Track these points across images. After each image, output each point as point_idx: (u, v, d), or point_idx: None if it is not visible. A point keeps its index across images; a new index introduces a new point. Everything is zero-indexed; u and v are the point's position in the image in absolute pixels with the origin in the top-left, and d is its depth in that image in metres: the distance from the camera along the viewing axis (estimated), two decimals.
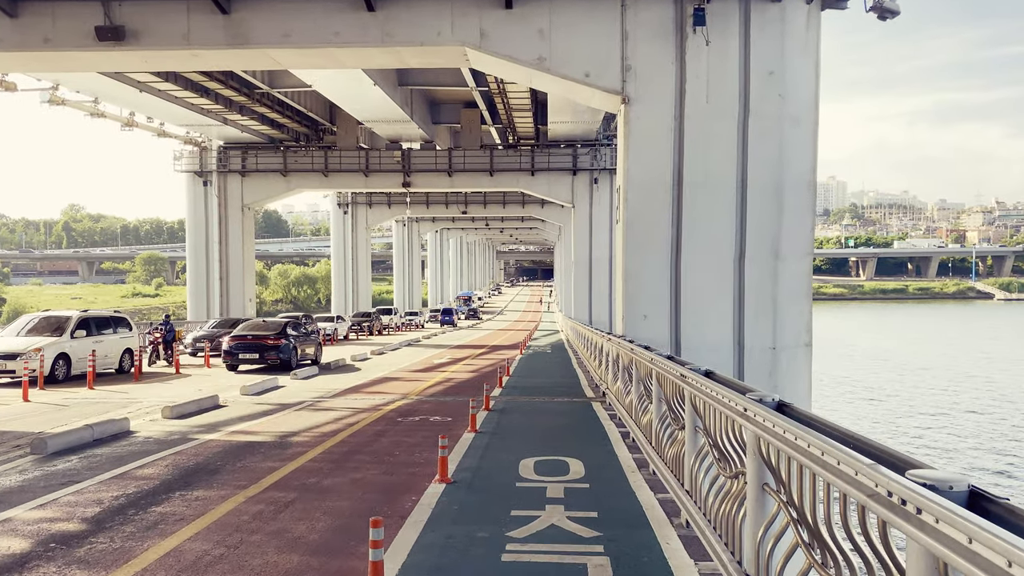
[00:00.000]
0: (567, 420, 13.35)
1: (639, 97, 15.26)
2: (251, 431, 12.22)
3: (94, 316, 20.91)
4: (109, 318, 21.51)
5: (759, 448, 4.64)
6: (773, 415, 4.38)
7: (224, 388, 18.40)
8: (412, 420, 13.39)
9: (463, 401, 15.80)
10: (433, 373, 23.29)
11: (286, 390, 18.41)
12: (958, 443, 30.06)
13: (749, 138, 15.19)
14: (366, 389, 18.69)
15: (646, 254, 15.50)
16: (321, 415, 14.05)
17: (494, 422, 12.89)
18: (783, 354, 15.39)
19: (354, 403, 15.83)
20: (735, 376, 15.44)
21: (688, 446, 6.90)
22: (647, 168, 15.41)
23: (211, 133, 44.16)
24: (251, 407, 15.29)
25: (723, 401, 5.42)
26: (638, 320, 15.39)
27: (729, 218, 15.30)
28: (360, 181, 46.49)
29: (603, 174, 46.01)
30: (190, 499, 7.78)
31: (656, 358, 8.47)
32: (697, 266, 15.38)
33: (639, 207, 15.46)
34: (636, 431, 10.25)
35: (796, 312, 15.52)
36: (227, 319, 32.13)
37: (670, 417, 8.07)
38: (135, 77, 30.96)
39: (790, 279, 15.42)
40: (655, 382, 8.83)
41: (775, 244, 15.32)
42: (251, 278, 47.78)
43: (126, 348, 21.54)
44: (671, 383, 7.65)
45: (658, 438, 8.49)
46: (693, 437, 6.83)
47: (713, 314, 15.45)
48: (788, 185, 15.29)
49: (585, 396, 17.16)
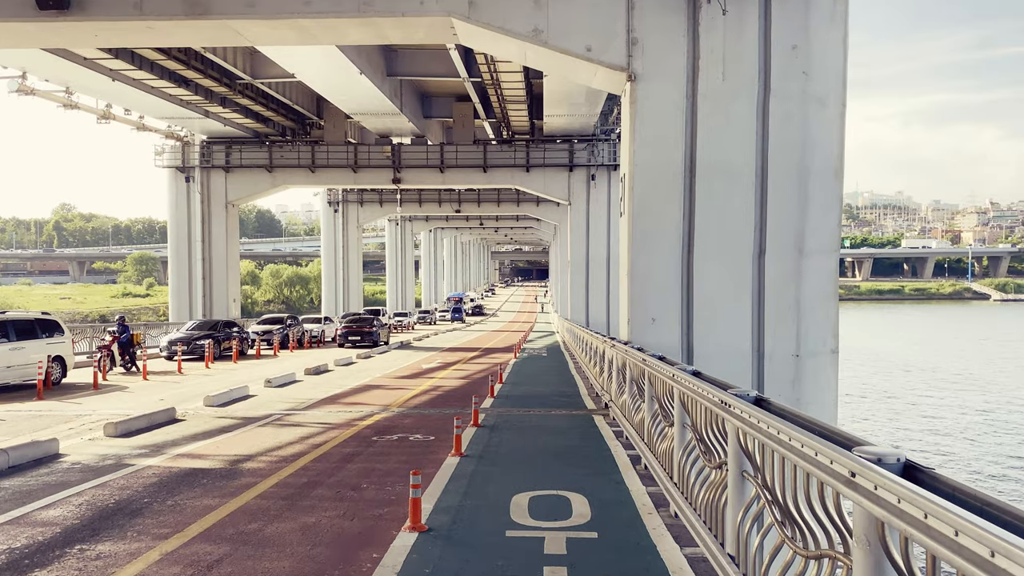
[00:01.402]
0: (566, 439, 11.68)
1: (647, 74, 13.59)
2: (200, 454, 10.52)
3: (13, 319, 18.56)
4: (34, 321, 19.10)
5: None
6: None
7: (189, 398, 16.69)
8: (389, 439, 11.69)
9: (449, 415, 14.12)
10: (420, 380, 21.60)
11: (256, 400, 16.71)
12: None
13: (770, 120, 13.54)
14: (344, 399, 16.99)
15: (654, 250, 13.83)
16: (286, 432, 12.35)
17: (483, 442, 11.22)
18: (807, 362, 13.74)
19: (327, 417, 14.13)
20: (754, 386, 13.83)
21: (733, 494, 5.24)
22: (656, 154, 13.75)
23: (193, 127, 42.38)
24: (211, 421, 13.59)
25: (814, 458, 3.72)
26: (645, 324, 13.73)
27: (747, 209, 13.65)
28: (348, 177, 44.74)
29: (601, 170, 44.37)
30: (87, 558, 6.08)
31: (681, 375, 6.81)
32: (711, 263, 13.72)
33: (647, 197, 13.79)
34: (651, 459, 8.60)
35: (822, 315, 13.87)
36: (206, 320, 30.38)
37: (700, 450, 6.41)
38: (106, 64, 29.17)
39: (815, 278, 13.77)
40: (676, 403, 7.18)
41: (799, 238, 13.66)
42: (235, 278, 46.01)
43: (57, 355, 19.10)
44: (705, 410, 5.99)
45: (683, 473, 6.83)
46: (739, 484, 5.17)
47: (729, 317, 13.81)
48: (813, 172, 13.64)
49: (585, 408, 15.49)
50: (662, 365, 7.93)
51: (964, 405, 38.90)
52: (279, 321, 36.08)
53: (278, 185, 44.87)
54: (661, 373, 7.97)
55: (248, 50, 33.79)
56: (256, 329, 34.18)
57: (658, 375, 8.23)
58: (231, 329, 29.77)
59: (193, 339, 27.03)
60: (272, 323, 35.63)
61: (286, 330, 34.62)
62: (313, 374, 22.94)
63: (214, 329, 28.51)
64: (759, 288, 13.69)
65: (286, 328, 34.81)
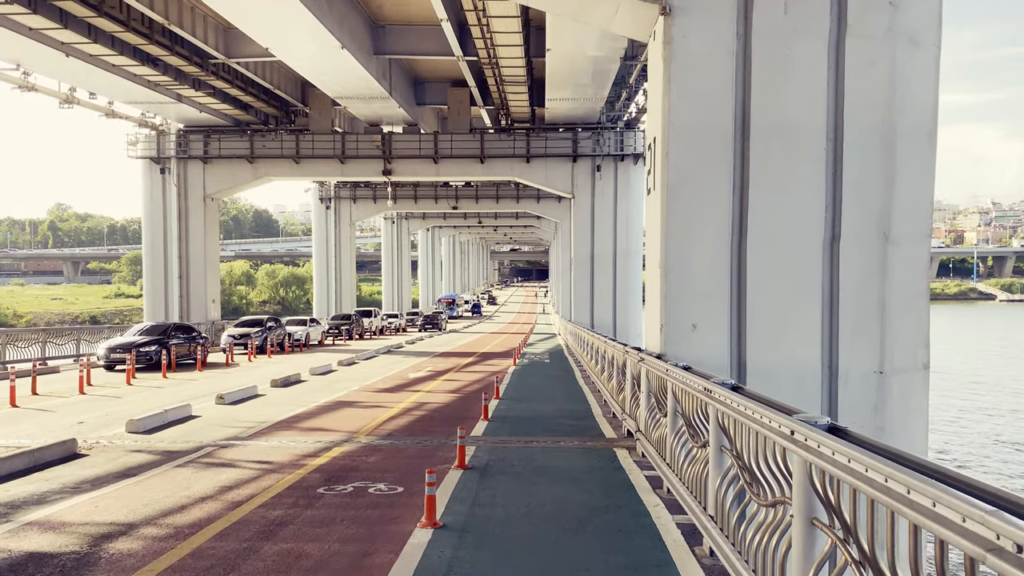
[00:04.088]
0: (585, 492, 8.50)
1: (686, 5, 10.41)
2: (61, 522, 7.34)
3: None
4: None
5: None
6: None
7: (116, 421, 13.52)
8: (341, 492, 8.50)
9: (430, 448, 10.99)
10: (403, 394, 18.41)
11: (195, 424, 13.55)
12: None
13: (846, 66, 10.38)
14: (304, 423, 13.82)
15: (695, 236, 10.68)
16: (205, 479, 9.18)
17: (469, 498, 8.05)
18: (894, 381, 10.56)
19: (271, 452, 10.95)
20: (825, 411, 10.66)
21: None
22: (697, 111, 10.59)
23: (168, 113, 39.26)
24: (119, 458, 10.43)
25: None
26: (684, 332, 10.56)
27: (816, 183, 10.49)
28: (335, 168, 41.58)
29: (607, 161, 41.25)
30: None
31: (804, 430, 3.69)
32: (770, 253, 10.57)
33: (685, 168, 10.62)
34: (720, 544, 5.47)
35: (912, 320, 10.70)
36: (156, 324, 26.79)
37: (841, 543, 3.29)
38: (56, 36, 26.01)
39: (904, 272, 10.61)
40: (799, 479, 4.08)
41: (883, 221, 10.49)
42: (214, 277, 42.87)
43: None
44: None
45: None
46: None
47: (792, 323, 10.65)
48: (902, 134, 10.48)
49: (603, 436, 12.32)
50: (762, 410, 4.81)
51: None
52: (258, 324, 32.74)
53: (260, 177, 41.71)
54: (759, 425, 4.86)
55: (222, 26, 30.66)
56: (232, 332, 30.95)
57: (749, 424, 5.09)
58: (188, 334, 26.33)
59: (136, 345, 23.37)
60: (250, 326, 32.30)
61: (265, 333, 31.34)
62: (281, 386, 19.78)
63: (164, 334, 24.82)
64: (831, 285, 10.53)
65: (265, 331, 31.52)
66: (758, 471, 5.20)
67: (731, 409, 5.46)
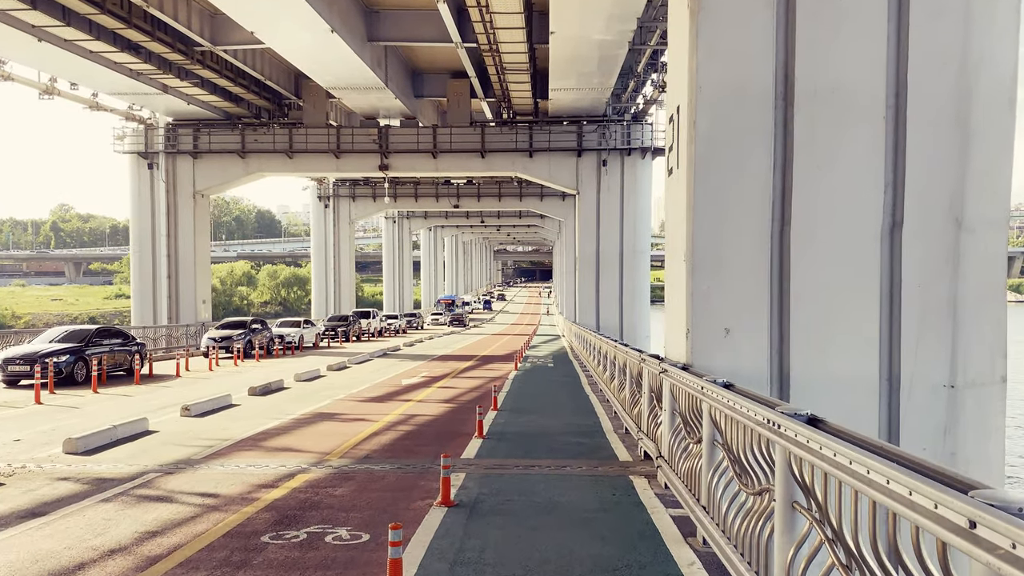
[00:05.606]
0: (597, 542, 6.72)
1: None
2: None
3: None
4: None
5: None
6: None
7: (51, 440, 11.78)
8: (289, 542, 6.74)
9: (410, 476, 9.24)
10: (392, 404, 16.66)
11: (150, 441, 11.82)
12: None
13: (910, 18, 8.60)
14: (271, 441, 12.07)
15: (728, 222, 8.90)
16: (129, 520, 7.43)
17: (451, 555, 6.28)
18: (968, 396, 8.76)
19: (223, 479, 9.20)
20: (884, 433, 8.92)
21: None
22: (731, 72, 8.81)
23: (155, 105, 37.56)
24: (42, 487, 8.70)
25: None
26: (714, 337, 8.78)
27: (874, 158, 8.70)
28: (330, 163, 39.88)
29: (613, 155, 39.50)
30: None
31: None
32: (817, 243, 8.79)
33: (716, 140, 8.84)
34: None
35: (989, 323, 8.90)
36: (77, 330, 21.50)
37: None
38: (24, 18, 24.32)
39: (979, 265, 8.81)
40: None
41: (955, 204, 8.70)
42: (205, 277, 41.18)
43: None
44: None
45: None
46: None
47: (843, 327, 8.86)
48: (977, 100, 8.67)
49: (616, 458, 10.56)
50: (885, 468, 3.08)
51: None
52: (240, 325, 30.90)
53: (252, 172, 40.04)
54: (879, 491, 3.12)
55: (207, 12, 28.97)
56: (212, 335, 29.17)
57: (840, 476, 3.36)
58: (119, 339, 21.89)
59: (41, 356, 19.03)
60: (232, 328, 30.48)
61: (248, 336, 29.53)
62: (259, 394, 18.08)
63: (84, 341, 20.43)
64: (892, 280, 8.75)
65: (248, 333, 29.69)
66: (861, 548, 3.47)
67: (824, 460, 3.69)
